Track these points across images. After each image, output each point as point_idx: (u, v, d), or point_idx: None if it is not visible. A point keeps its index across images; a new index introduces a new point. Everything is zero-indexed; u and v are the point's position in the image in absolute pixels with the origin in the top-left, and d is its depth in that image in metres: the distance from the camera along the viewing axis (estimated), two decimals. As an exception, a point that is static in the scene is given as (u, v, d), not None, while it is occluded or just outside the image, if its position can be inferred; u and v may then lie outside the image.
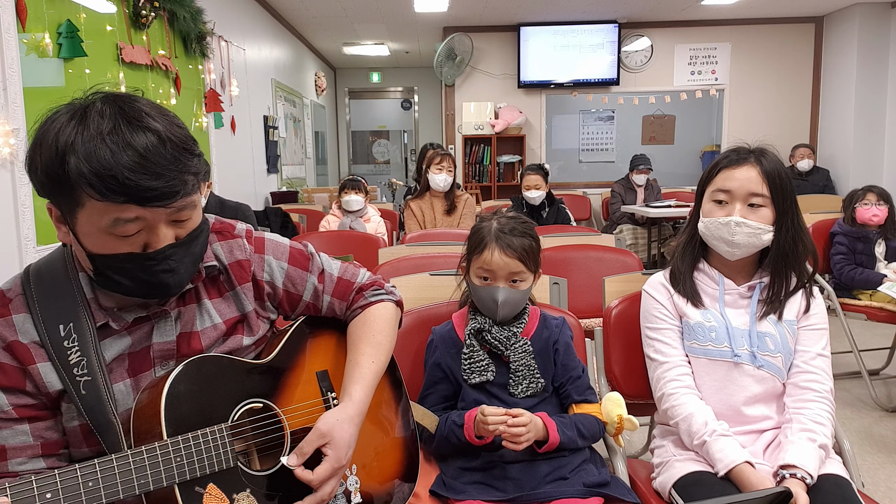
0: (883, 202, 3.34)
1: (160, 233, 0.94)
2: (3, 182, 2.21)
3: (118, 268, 0.93)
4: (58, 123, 0.89)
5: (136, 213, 0.89)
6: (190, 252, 0.99)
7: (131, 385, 1.02)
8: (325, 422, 1.07)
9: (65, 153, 0.86)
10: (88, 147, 0.86)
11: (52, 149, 0.87)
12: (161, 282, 0.96)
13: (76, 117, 0.89)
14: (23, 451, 0.94)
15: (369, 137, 10.54)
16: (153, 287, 0.97)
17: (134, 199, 0.87)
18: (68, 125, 0.88)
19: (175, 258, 0.96)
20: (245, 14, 5.13)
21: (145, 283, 0.95)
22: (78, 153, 0.86)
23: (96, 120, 0.88)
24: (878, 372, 3.56)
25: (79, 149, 0.86)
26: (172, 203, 0.91)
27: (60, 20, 2.54)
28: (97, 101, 0.91)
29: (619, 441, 1.46)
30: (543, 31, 6.81)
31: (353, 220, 4.05)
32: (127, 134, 0.87)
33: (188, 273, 1.01)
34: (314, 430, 1.06)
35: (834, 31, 6.70)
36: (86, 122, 0.88)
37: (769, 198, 1.42)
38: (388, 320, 1.26)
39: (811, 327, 1.47)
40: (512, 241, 1.42)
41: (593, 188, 6.93)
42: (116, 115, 0.89)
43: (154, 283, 0.96)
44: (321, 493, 1.03)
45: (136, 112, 0.91)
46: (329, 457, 1.04)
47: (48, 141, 0.88)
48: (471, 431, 1.35)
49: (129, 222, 0.90)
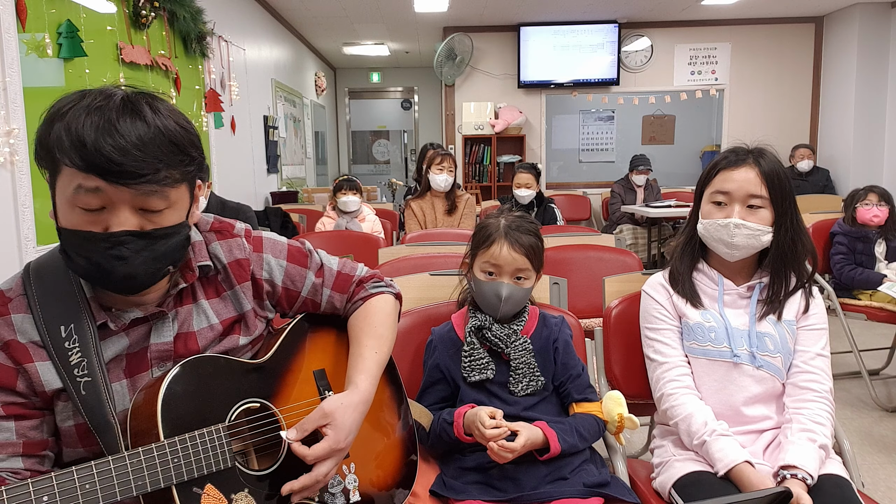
0: (884, 202, 3.34)
1: (121, 215, 0.91)
2: (3, 182, 2.21)
3: (77, 246, 0.92)
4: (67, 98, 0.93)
5: (96, 184, 0.89)
6: (152, 248, 0.94)
7: (128, 385, 1.01)
8: (329, 403, 1.07)
9: (53, 119, 0.90)
10: (73, 114, 0.89)
11: (48, 115, 0.92)
12: (111, 268, 0.92)
13: (85, 95, 0.92)
14: (3, 448, 0.94)
15: (369, 137, 10.54)
16: (104, 273, 0.93)
17: (96, 168, 0.88)
18: (71, 98, 0.92)
19: (130, 246, 0.92)
20: (245, 14, 5.13)
21: (97, 267, 0.92)
22: (64, 119, 0.89)
23: (97, 98, 0.91)
24: (878, 372, 3.56)
25: (66, 116, 0.89)
26: (134, 184, 0.89)
27: (60, 20, 2.54)
28: (120, 90, 0.94)
29: (619, 440, 1.46)
30: (543, 31, 6.81)
31: (349, 221, 4.04)
32: (114, 113, 0.90)
33: (145, 269, 0.95)
34: (317, 409, 1.05)
35: (834, 31, 6.70)
36: (85, 98, 0.91)
37: (768, 199, 1.42)
38: (388, 313, 1.26)
39: (810, 327, 1.47)
40: (521, 238, 1.43)
41: (593, 188, 6.93)
42: (119, 100, 0.91)
43: (104, 269, 0.92)
44: (316, 472, 1.02)
45: (139, 104, 0.92)
46: (328, 437, 1.04)
47: (49, 110, 0.92)
48: (460, 429, 1.36)
49: (89, 192, 0.89)
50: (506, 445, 1.27)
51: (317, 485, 1.03)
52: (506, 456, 1.28)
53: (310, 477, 1.02)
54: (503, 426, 1.30)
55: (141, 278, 0.96)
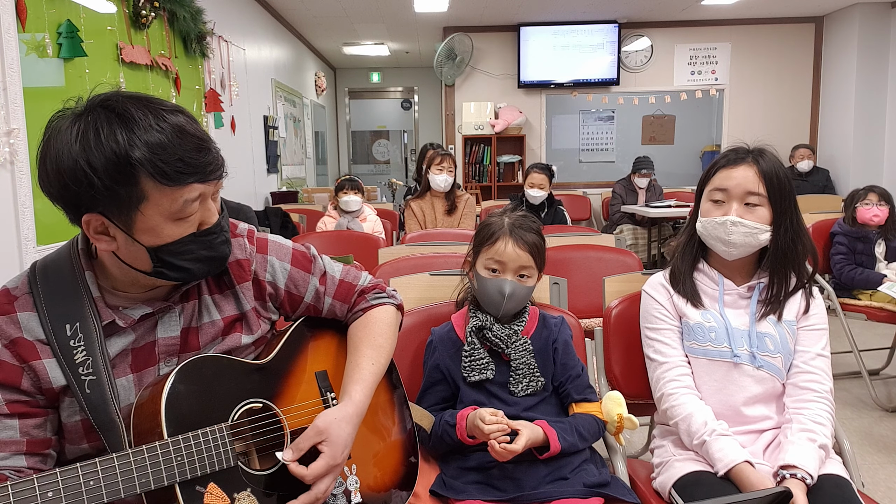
0: (884, 202, 3.35)
1: (212, 207, 1.00)
2: (4, 182, 2.21)
3: (182, 252, 0.97)
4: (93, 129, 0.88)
5: (199, 191, 0.95)
6: (227, 222, 1.07)
7: (134, 381, 1.02)
8: (322, 419, 1.07)
9: (127, 151, 0.87)
10: (145, 137, 0.89)
11: (110, 152, 0.87)
12: (221, 254, 1.03)
13: (112, 120, 0.88)
14: (7, 445, 0.94)
15: (369, 137, 10.53)
16: (214, 261, 1.02)
17: (198, 176, 0.93)
18: (110, 126, 0.88)
19: (226, 229, 1.04)
20: (245, 14, 5.13)
21: (208, 260, 1.00)
22: (139, 147, 0.88)
23: (135, 113, 0.90)
24: (878, 372, 3.57)
25: (137, 143, 0.88)
26: (220, 174, 0.97)
27: (60, 20, 2.54)
28: (120, 98, 0.92)
29: (619, 440, 1.46)
30: (543, 31, 6.81)
31: (350, 221, 4.04)
32: (169, 117, 0.91)
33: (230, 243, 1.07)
34: (311, 427, 1.06)
35: (834, 31, 6.70)
36: (127, 117, 0.89)
37: (766, 197, 1.42)
38: (388, 324, 1.26)
39: (811, 327, 1.47)
40: (525, 235, 1.45)
41: (593, 188, 6.93)
42: (144, 105, 0.92)
43: (215, 258, 1.02)
44: (315, 490, 1.03)
45: (148, 100, 0.93)
46: (325, 454, 1.04)
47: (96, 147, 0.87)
48: (463, 431, 1.36)
49: (194, 201, 0.95)
50: (507, 447, 1.27)
51: (317, 501, 1.03)
52: (506, 455, 1.28)
53: (309, 496, 1.02)
54: (504, 422, 1.30)
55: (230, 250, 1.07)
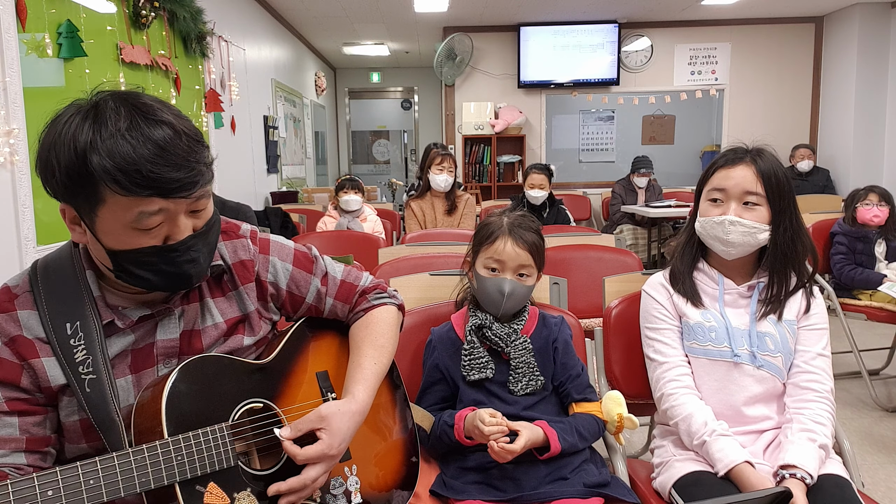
0: (884, 202, 3.35)
1: (181, 224, 0.95)
2: (3, 182, 2.21)
3: (141, 262, 0.94)
4: (72, 124, 0.89)
5: (159, 206, 0.90)
6: (208, 242, 1.01)
7: (133, 381, 1.02)
8: (326, 408, 1.07)
9: (86, 152, 0.87)
10: (109, 144, 0.87)
11: (71, 149, 0.88)
12: (185, 272, 0.98)
13: (90, 117, 0.89)
14: (6, 443, 0.94)
15: (369, 137, 10.53)
16: (176, 278, 0.98)
17: (158, 191, 0.89)
18: (83, 125, 0.89)
19: (196, 248, 0.98)
20: (245, 14, 5.13)
21: (169, 276, 0.97)
22: (99, 151, 0.87)
23: (112, 117, 0.89)
24: (878, 372, 3.56)
25: (99, 146, 0.87)
26: (193, 193, 0.93)
27: (60, 20, 2.54)
28: (108, 100, 0.91)
29: (619, 440, 1.46)
30: (543, 31, 6.81)
31: (351, 221, 4.04)
32: (145, 128, 0.89)
33: (207, 263, 1.03)
34: (314, 412, 1.06)
35: (834, 31, 6.70)
36: (102, 120, 0.88)
37: (764, 196, 1.42)
38: (390, 324, 1.26)
39: (811, 327, 1.47)
40: (524, 235, 1.45)
41: (593, 188, 6.92)
42: (130, 111, 0.90)
43: (178, 275, 0.97)
44: (305, 476, 1.01)
45: (147, 107, 0.92)
46: (322, 440, 1.04)
47: (65, 142, 0.88)
48: (461, 432, 1.36)
49: (153, 215, 0.91)
50: (507, 447, 1.27)
51: (305, 489, 1.02)
52: (506, 455, 1.28)
53: (298, 480, 1.01)
54: (503, 423, 1.30)
55: (203, 271, 1.03)
